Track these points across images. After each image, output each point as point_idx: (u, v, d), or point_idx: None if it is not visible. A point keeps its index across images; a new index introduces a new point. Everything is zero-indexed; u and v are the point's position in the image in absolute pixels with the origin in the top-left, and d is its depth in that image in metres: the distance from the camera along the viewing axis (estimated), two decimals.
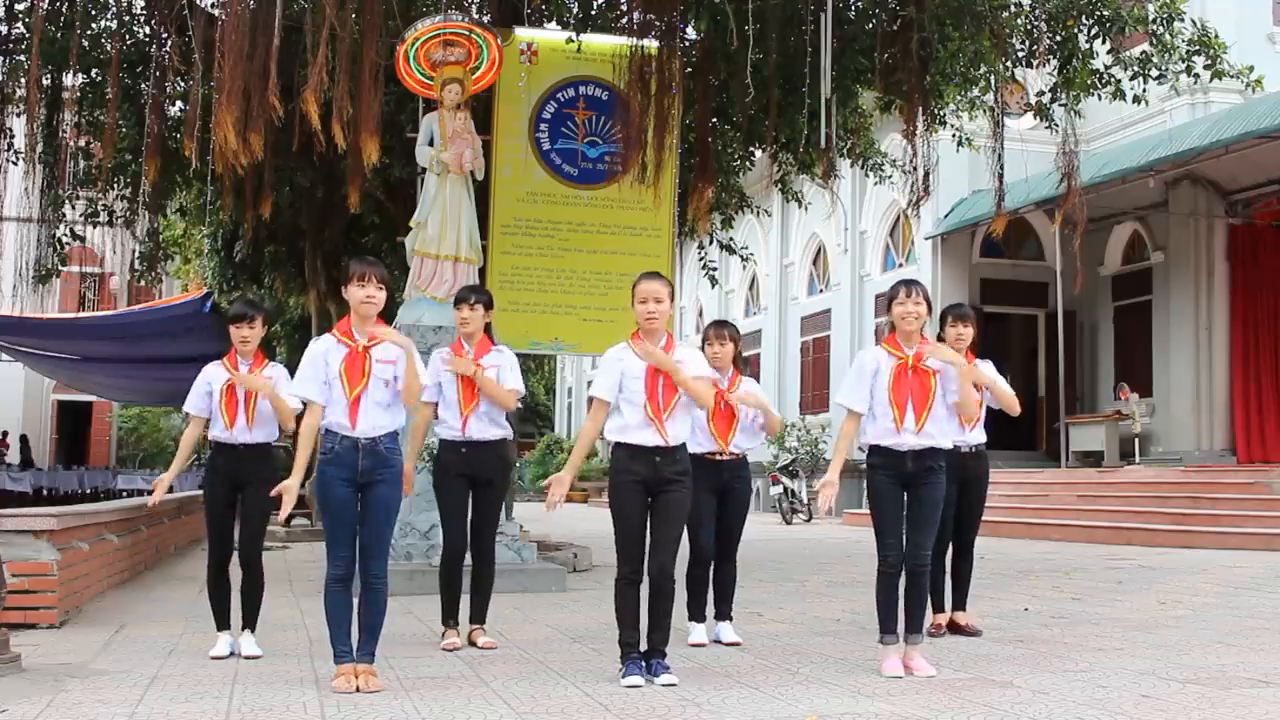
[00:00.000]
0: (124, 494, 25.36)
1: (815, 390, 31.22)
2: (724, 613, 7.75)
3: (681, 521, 6.28)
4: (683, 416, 6.27)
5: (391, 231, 16.00)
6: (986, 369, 7.90)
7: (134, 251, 17.63)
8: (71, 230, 16.98)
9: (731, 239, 20.02)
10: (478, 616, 7.62)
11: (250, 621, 7.20)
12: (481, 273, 12.40)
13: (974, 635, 7.91)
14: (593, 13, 15.57)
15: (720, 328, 7.71)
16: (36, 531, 8.31)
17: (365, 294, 6.15)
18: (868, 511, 7.16)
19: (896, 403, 6.43)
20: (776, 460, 27.62)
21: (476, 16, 14.23)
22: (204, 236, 22.65)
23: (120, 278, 19.41)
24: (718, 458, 7.46)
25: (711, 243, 19.26)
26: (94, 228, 17.38)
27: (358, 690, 5.84)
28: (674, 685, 5.96)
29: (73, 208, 16.89)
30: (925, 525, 6.49)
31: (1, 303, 17.14)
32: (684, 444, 6.31)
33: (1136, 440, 22.51)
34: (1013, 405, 7.47)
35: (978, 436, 7.78)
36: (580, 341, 14.04)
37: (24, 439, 34.97)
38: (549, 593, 10.58)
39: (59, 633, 8.02)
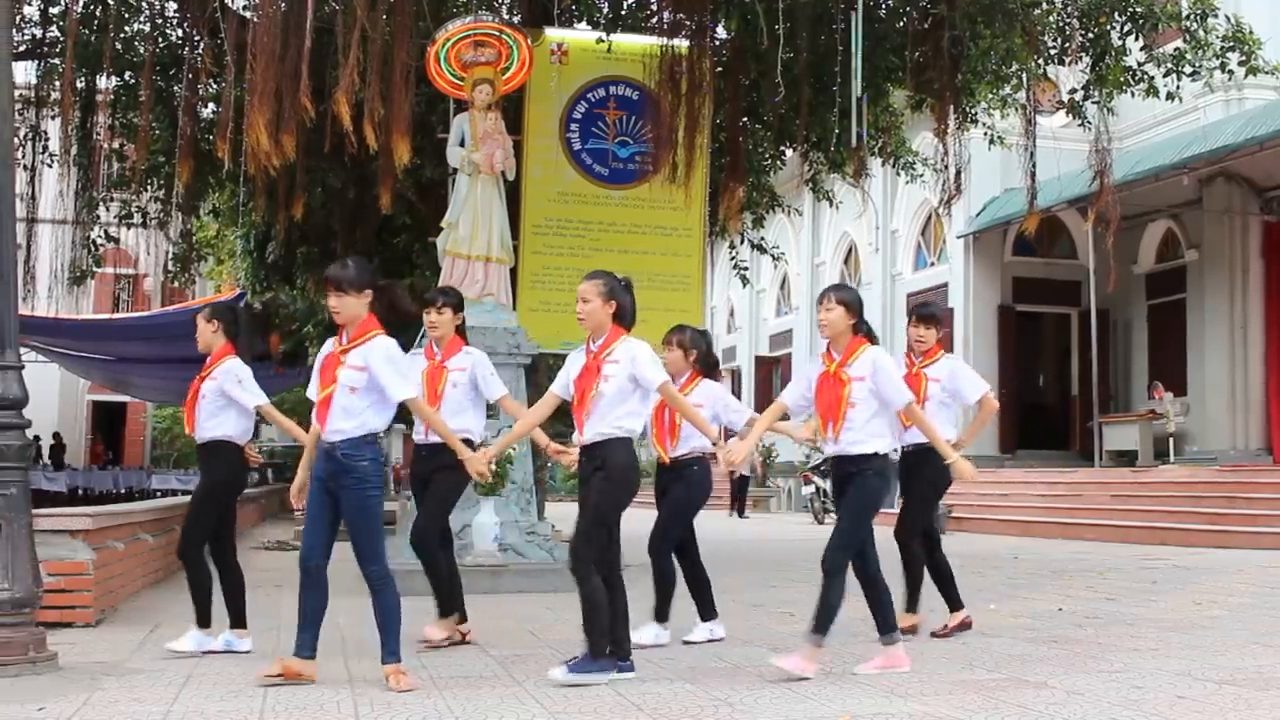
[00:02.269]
0: (158, 494, 25.50)
1: None
2: (661, 614, 7.62)
3: (590, 512, 6.28)
4: (608, 413, 6.26)
5: (423, 232, 16.03)
6: (946, 365, 7.84)
7: (168, 253, 17.74)
8: (106, 232, 17.10)
9: (762, 238, 20.00)
10: (443, 611, 7.52)
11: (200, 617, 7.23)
12: (513, 273, 12.42)
13: (909, 635, 7.74)
14: (623, 13, 15.59)
15: (670, 333, 7.65)
16: (72, 531, 8.37)
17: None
18: (893, 511, 7.16)
19: (820, 412, 6.47)
20: (808, 460, 27.54)
21: (507, 17, 14.27)
22: (237, 238, 22.74)
23: (154, 279, 19.55)
24: (663, 461, 7.45)
25: (742, 242, 19.24)
26: (128, 229, 17.49)
27: (388, 688, 5.86)
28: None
29: (107, 209, 17.01)
30: (835, 528, 6.43)
31: (37, 304, 17.28)
32: (606, 440, 6.27)
33: (1171, 440, 22.35)
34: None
35: (916, 436, 7.43)
36: None
37: (57, 436, 35.23)
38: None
39: (94, 631, 8.07)
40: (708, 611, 7.70)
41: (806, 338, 33.62)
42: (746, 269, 20.00)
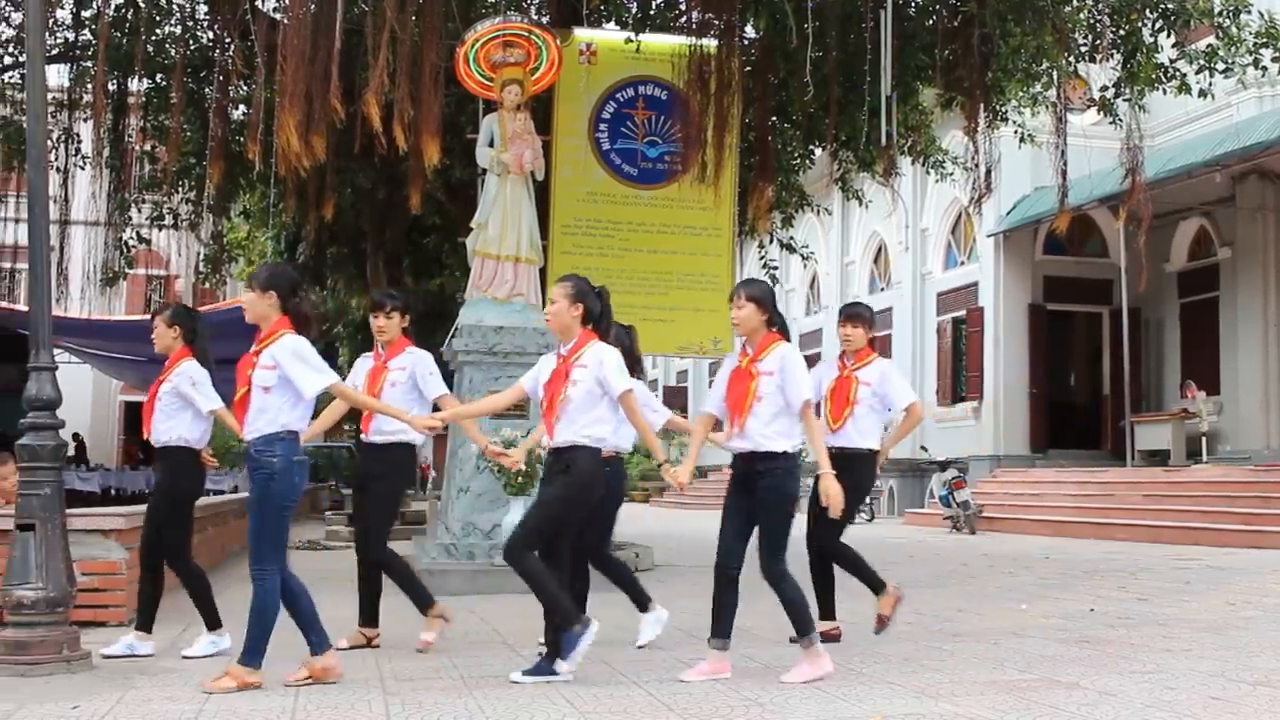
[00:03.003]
0: None
1: None
2: (640, 603, 7.70)
3: (544, 509, 6.33)
4: (577, 418, 6.27)
5: (452, 232, 16.08)
6: (878, 369, 7.71)
7: (199, 254, 17.85)
8: (138, 233, 17.21)
9: (792, 238, 19.98)
10: (422, 607, 7.53)
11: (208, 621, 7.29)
12: (542, 273, 12.43)
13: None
14: (651, 12, 15.59)
15: None
16: (105, 531, 8.41)
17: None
18: (927, 511, 7.09)
19: (728, 406, 6.44)
20: None
21: (535, 17, 14.30)
22: (267, 238, 22.88)
23: (186, 280, 19.67)
24: None
25: (772, 241, 19.22)
26: (159, 231, 17.62)
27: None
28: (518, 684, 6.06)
29: (139, 211, 17.12)
30: (765, 533, 6.32)
31: (70, 305, 17.41)
32: (577, 448, 6.28)
33: (1204, 439, 22.19)
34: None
35: (840, 439, 7.40)
36: (640, 341, 14.03)
37: (76, 437, 35.26)
38: (611, 592, 10.55)
39: (128, 630, 8.10)
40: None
41: (835, 336, 33.53)
42: (776, 268, 19.96)
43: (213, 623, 7.26)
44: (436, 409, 7.48)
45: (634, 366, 7.78)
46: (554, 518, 6.35)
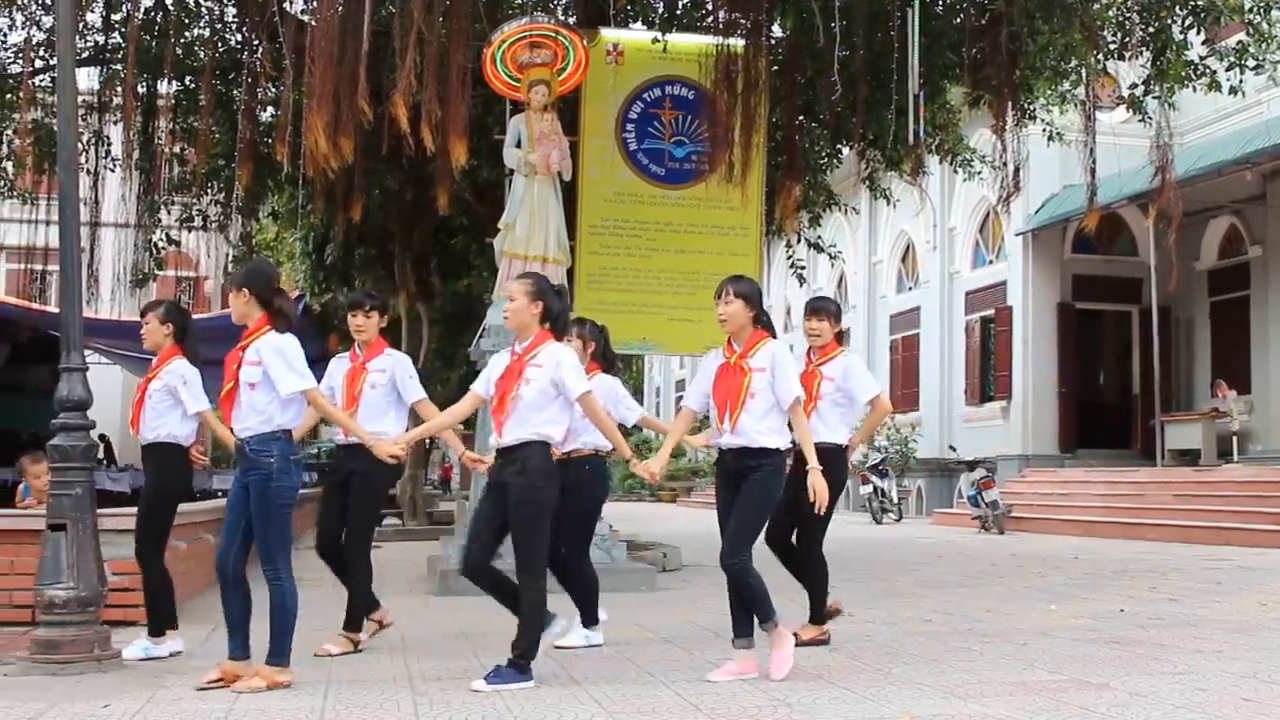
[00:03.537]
0: (219, 494, 25.70)
1: (905, 389, 30.94)
2: (588, 617, 7.60)
3: (517, 523, 6.20)
4: (528, 417, 6.20)
5: (480, 233, 16.11)
6: (841, 363, 7.57)
7: (228, 255, 17.92)
8: (167, 235, 17.30)
9: (819, 237, 19.94)
10: (348, 622, 7.45)
11: (151, 625, 7.24)
12: (570, 273, 12.45)
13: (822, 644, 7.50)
14: (678, 12, 15.58)
15: (571, 324, 7.41)
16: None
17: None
18: (956, 511, 7.06)
19: (717, 402, 6.43)
20: (866, 459, 27.45)
21: (562, 18, 14.31)
22: (295, 239, 22.95)
23: (215, 281, 19.79)
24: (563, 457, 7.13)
25: (799, 241, 19.17)
26: (189, 232, 17.70)
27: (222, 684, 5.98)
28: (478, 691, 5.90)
29: (168, 213, 17.21)
30: (733, 524, 6.32)
31: (100, 307, 17.50)
32: (529, 444, 6.20)
33: (1235, 438, 22.04)
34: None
35: (816, 437, 7.13)
36: (668, 341, 14.07)
37: (103, 438, 35.36)
38: (639, 592, 10.59)
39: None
40: (589, 618, 7.59)
41: (864, 336, 33.50)
42: (803, 268, 19.93)
43: (156, 630, 7.21)
44: (414, 414, 7.52)
45: (610, 365, 7.85)
46: (540, 538, 6.24)
